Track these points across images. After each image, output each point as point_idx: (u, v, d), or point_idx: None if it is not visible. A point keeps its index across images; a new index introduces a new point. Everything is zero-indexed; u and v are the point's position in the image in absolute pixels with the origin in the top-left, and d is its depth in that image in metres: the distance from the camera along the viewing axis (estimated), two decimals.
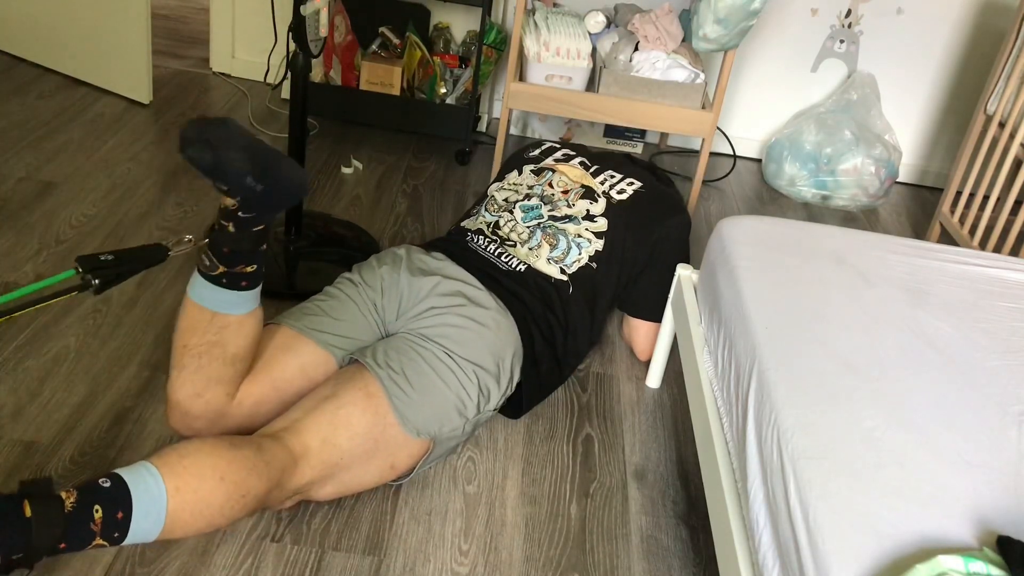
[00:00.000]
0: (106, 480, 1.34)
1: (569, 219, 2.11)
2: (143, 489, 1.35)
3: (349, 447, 1.62)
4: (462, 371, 1.75)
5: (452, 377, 1.74)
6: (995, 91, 2.91)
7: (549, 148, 2.34)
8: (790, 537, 1.24)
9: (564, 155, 2.31)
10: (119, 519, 1.32)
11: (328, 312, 1.85)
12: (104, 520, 1.30)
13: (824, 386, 1.46)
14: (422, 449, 1.72)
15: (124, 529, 1.33)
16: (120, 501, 1.32)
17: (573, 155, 2.31)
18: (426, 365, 1.73)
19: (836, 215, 3.34)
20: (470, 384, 1.76)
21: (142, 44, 3.13)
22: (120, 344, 2.06)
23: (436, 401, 1.72)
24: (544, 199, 2.16)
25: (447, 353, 1.75)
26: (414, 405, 1.68)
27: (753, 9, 2.65)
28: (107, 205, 2.59)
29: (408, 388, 1.69)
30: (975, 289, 1.85)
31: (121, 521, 1.32)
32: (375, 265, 1.94)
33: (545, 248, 2.05)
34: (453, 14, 3.42)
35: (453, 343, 1.77)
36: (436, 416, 1.72)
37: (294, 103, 2.30)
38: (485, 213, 2.16)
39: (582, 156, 2.31)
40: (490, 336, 1.82)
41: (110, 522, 1.31)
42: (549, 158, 2.30)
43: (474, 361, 1.77)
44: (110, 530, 1.32)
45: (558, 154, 2.31)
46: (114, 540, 1.33)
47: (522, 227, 2.09)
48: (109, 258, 1.49)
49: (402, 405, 1.67)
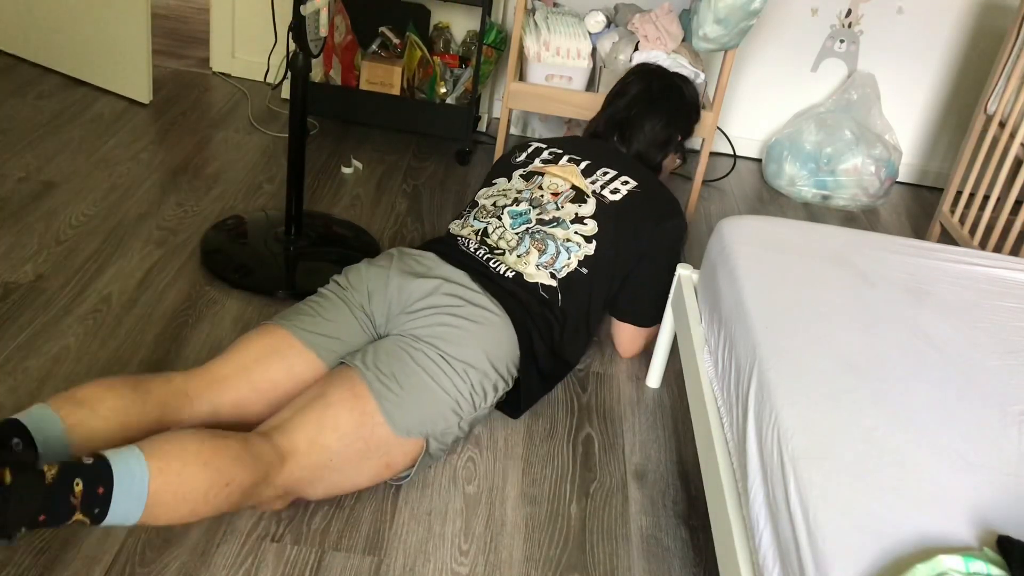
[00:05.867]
0: (89, 458, 1.34)
1: (557, 223, 2.06)
2: (125, 467, 1.35)
3: (338, 447, 1.62)
4: (454, 371, 1.75)
5: (444, 377, 1.74)
6: (995, 91, 2.91)
7: (535, 150, 2.29)
8: (790, 537, 1.24)
9: (552, 154, 2.25)
10: (99, 494, 1.32)
11: (319, 312, 1.84)
12: (84, 494, 1.30)
13: (824, 386, 1.46)
14: (417, 447, 1.72)
15: (105, 505, 1.32)
16: (102, 477, 1.32)
17: (561, 153, 2.25)
18: (416, 366, 1.72)
19: (836, 215, 3.34)
20: (463, 384, 1.76)
21: (142, 44, 3.14)
22: (120, 344, 2.06)
23: (427, 401, 1.72)
24: (533, 203, 2.11)
25: (439, 354, 1.75)
26: (403, 406, 1.68)
27: (753, 9, 2.65)
28: (107, 205, 2.59)
29: (397, 389, 1.68)
30: (975, 289, 1.85)
31: (102, 497, 1.32)
32: (362, 268, 1.93)
33: (534, 254, 2.01)
34: (453, 14, 3.42)
35: (445, 343, 1.77)
36: (428, 416, 1.72)
37: (294, 103, 2.30)
38: (474, 221, 2.12)
39: (571, 153, 2.25)
40: (484, 335, 1.82)
41: (91, 497, 1.31)
42: (536, 160, 2.24)
43: (467, 361, 1.77)
44: (90, 505, 1.31)
45: (545, 154, 2.26)
46: (95, 517, 1.32)
47: (510, 234, 2.05)
48: None
49: (390, 406, 1.67)
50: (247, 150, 3.06)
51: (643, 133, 2.34)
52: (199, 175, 2.85)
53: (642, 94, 2.41)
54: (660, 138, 2.36)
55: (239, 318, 2.21)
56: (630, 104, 2.40)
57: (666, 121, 2.37)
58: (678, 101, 2.43)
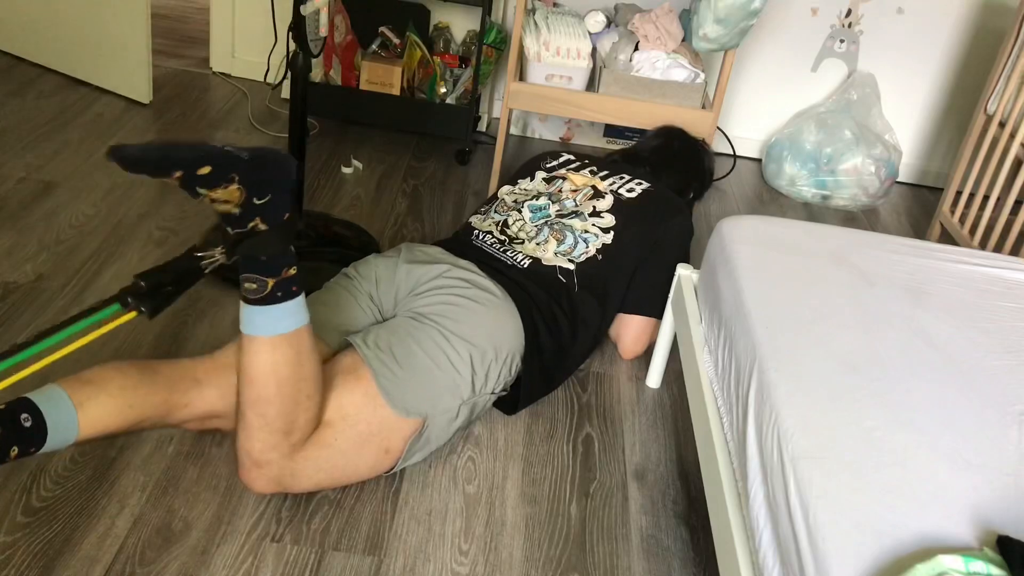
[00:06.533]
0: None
1: (576, 215, 2.16)
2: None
3: (342, 427, 1.64)
4: (453, 349, 1.77)
5: (441, 355, 1.75)
6: (995, 91, 2.91)
7: (566, 160, 2.39)
8: (790, 537, 1.24)
9: (579, 166, 2.36)
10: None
11: (325, 302, 1.88)
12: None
13: (824, 386, 1.46)
14: (415, 430, 1.73)
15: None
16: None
17: (587, 164, 2.37)
18: (414, 344, 1.74)
19: (836, 215, 3.34)
20: (461, 362, 1.77)
21: (142, 44, 3.14)
22: (120, 344, 2.06)
23: (425, 379, 1.73)
24: (552, 198, 2.21)
25: (439, 331, 1.77)
26: (401, 383, 1.70)
27: (753, 9, 2.65)
28: (107, 205, 2.59)
29: (395, 366, 1.70)
30: (975, 289, 1.85)
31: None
32: (371, 259, 1.98)
33: (552, 243, 2.10)
34: (453, 14, 3.42)
35: (448, 320, 1.79)
36: (427, 395, 1.73)
37: (294, 103, 2.30)
38: (494, 213, 2.21)
39: (594, 165, 2.36)
40: (488, 317, 1.84)
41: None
42: (563, 169, 2.36)
43: (467, 339, 1.79)
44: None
45: (573, 165, 2.37)
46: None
47: (530, 226, 2.14)
48: (155, 280, 1.41)
49: (388, 384, 1.68)
50: None
51: (662, 174, 2.44)
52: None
53: (663, 148, 2.52)
54: (677, 186, 2.45)
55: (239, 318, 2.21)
56: (651, 153, 2.51)
57: (681, 177, 2.48)
58: (696, 163, 2.54)
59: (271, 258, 1.48)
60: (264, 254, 1.47)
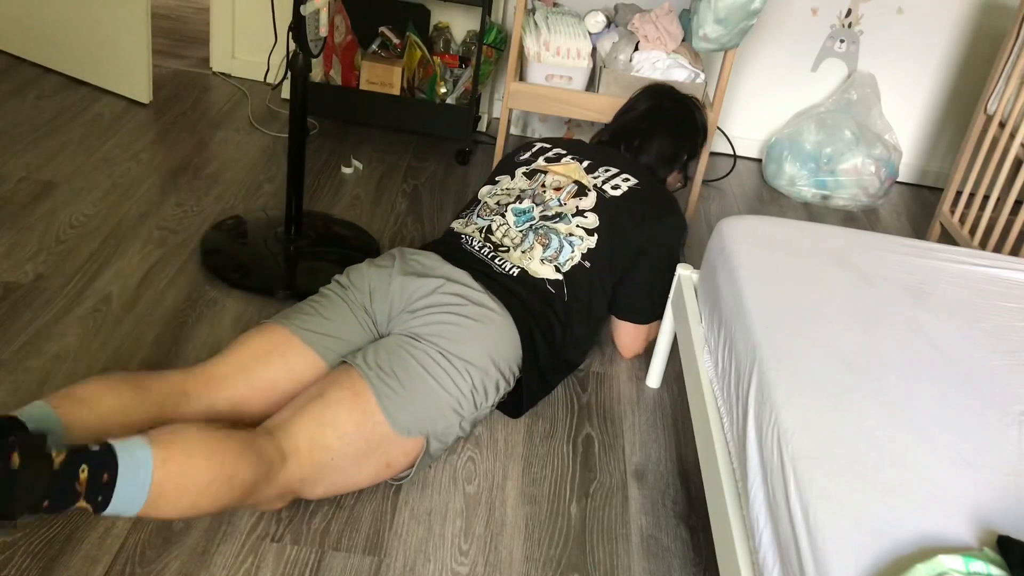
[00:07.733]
0: (96, 445, 1.35)
1: (560, 217, 2.09)
2: (129, 456, 1.35)
3: (339, 447, 1.62)
4: (455, 369, 1.75)
5: (444, 376, 1.74)
6: (995, 91, 2.91)
7: (540, 149, 2.31)
8: (790, 537, 1.24)
9: (556, 154, 2.27)
10: (104, 481, 1.32)
11: (320, 312, 1.85)
12: (89, 480, 1.30)
13: (824, 386, 1.46)
14: (417, 446, 1.72)
15: (108, 493, 1.33)
16: (107, 464, 1.33)
17: (564, 153, 2.27)
18: (416, 364, 1.72)
19: (836, 215, 3.34)
20: (463, 382, 1.76)
21: (142, 44, 3.14)
22: (120, 344, 2.06)
23: (427, 400, 1.72)
24: (536, 199, 2.14)
25: (440, 352, 1.75)
26: (403, 404, 1.68)
27: (753, 9, 2.65)
28: (107, 205, 2.59)
29: (397, 386, 1.68)
30: (975, 289, 1.85)
31: (106, 484, 1.32)
32: (364, 268, 1.94)
33: (538, 249, 2.03)
34: (453, 14, 3.42)
35: (446, 341, 1.77)
36: (428, 415, 1.72)
37: (294, 103, 2.30)
38: (477, 218, 2.14)
39: (574, 152, 2.27)
40: (485, 334, 1.82)
41: (95, 483, 1.31)
42: (540, 159, 2.27)
43: (468, 359, 1.77)
44: (94, 492, 1.32)
45: (549, 154, 2.28)
46: (97, 505, 1.33)
47: (515, 231, 2.07)
48: None
49: (390, 404, 1.67)
50: (247, 150, 3.06)
51: (651, 146, 2.37)
52: (199, 175, 2.85)
53: (653, 110, 2.45)
54: (667, 153, 2.39)
55: (239, 318, 2.21)
56: (640, 118, 2.44)
57: (675, 138, 2.41)
58: (689, 121, 2.47)
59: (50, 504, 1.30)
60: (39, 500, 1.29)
